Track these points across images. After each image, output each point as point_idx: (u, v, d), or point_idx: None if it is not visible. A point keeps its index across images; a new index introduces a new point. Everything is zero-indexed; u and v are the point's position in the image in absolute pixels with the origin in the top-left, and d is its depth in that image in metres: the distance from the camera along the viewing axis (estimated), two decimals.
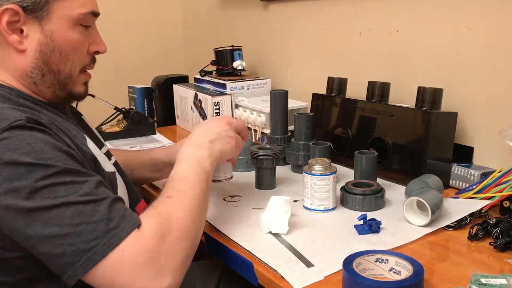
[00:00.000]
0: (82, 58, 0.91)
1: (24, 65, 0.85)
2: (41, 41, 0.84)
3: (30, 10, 0.82)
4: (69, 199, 0.72)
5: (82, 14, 0.87)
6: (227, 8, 2.22)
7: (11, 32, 0.82)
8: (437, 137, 1.20)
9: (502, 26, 1.19)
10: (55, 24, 0.84)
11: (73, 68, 0.89)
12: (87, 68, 0.94)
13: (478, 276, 0.76)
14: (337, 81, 1.48)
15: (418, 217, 1.01)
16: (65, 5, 0.85)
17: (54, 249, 0.71)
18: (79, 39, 0.88)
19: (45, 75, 0.87)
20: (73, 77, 0.90)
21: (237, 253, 0.93)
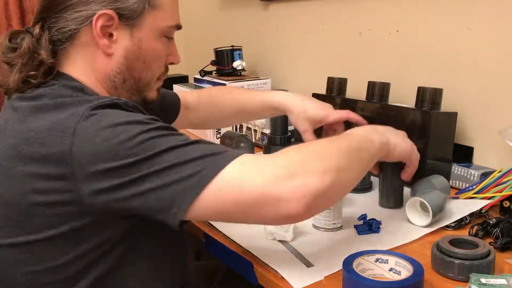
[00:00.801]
0: (160, 67, 0.93)
1: (108, 69, 0.86)
2: (128, 48, 0.85)
3: (125, 18, 0.83)
4: (169, 145, 0.71)
5: (169, 26, 0.89)
6: (227, 8, 2.22)
7: (102, 36, 0.83)
8: (437, 137, 1.19)
9: (502, 26, 1.19)
10: (144, 33, 0.86)
11: (153, 76, 0.91)
12: (161, 77, 0.95)
13: (478, 276, 0.76)
14: (337, 81, 1.48)
15: (420, 217, 1.01)
16: (157, 16, 0.86)
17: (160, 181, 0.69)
18: (162, 49, 0.90)
19: (126, 81, 0.88)
20: (150, 84, 0.92)
21: (237, 253, 0.93)
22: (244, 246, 0.93)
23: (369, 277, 0.76)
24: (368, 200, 1.15)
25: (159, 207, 0.70)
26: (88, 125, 0.71)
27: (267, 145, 1.42)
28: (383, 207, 1.10)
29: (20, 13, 2.22)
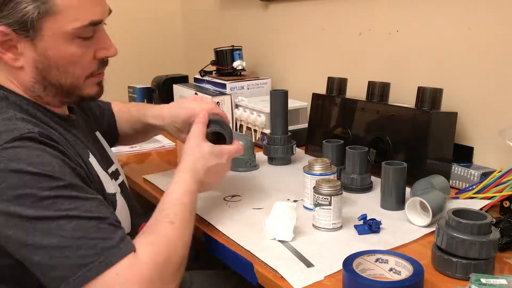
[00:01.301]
0: (85, 67, 0.88)
1: (25, 81, 0.85)
2: (35, 59, 0.83)
3: (19, 31, 0.80)
4: (72, 212, 0.72)
5: (77, 28, 0.83)
6: (227, 8, 2.23)
7: (5, 51, 0.82)
8: (437, 137, 1.20)
9: (502, 26, 1.19)
10: (48, 42, 0.82)
11: (75, 79, 0.87)
12: (94, 74, 0.91)
13: (478, 276, 0.76)
14: (337, 81, 1.48)
15: (419, 217, 1.01)
16: (56, 21, 0.81)
17: (50, 260, 0.70)
18: (77, 52, 0.85)
19: (47, 88, 0.86)
20: (78, 85, 0.89)
21: (237, 253, 0.93)
22: (244, 246, 0.93)
23: (369, 277, 0.76)
24: (368, 200, 1.15)
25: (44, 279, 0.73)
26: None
27: (267, 145, 1.42)
28: (385, 209, 1.10)
29: None
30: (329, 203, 0.98)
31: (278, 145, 1.40)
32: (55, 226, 0.70)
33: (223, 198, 1.17)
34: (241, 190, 1.22)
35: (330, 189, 0.98)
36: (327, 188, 0.98)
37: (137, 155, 1.61)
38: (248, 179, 1.31)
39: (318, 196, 0.99)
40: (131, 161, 1.55)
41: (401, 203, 1.09)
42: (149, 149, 1.67)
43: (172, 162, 1.55)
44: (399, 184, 1.08)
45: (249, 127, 1.64)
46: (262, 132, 1.58)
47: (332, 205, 0.98)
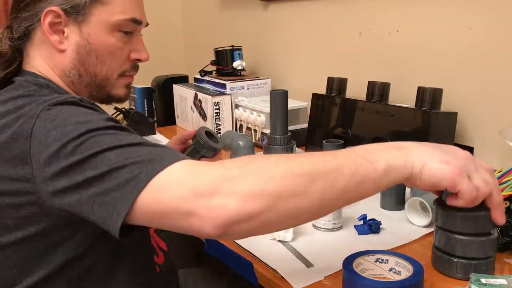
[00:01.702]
0: (120, 63, 0.92)
1: (63, 65, 0.88)
2: (78, 43, 0.87)
3: (70, 13, 0.85)
4: (113, 144, 0.70)
5: (121, 20, 0.88)
6: (227, 8, 2.23)
7: (53, 33, 0.86)
8: (437, 137, 1.19)
9: (502, 26, 1.19)
10: (93, 28, 0.86)
11: (110, 71, 0.91)
12: (126, 74, 0.94)
13: (478, 276, 0.76)
14: (337, 81, 1.48)
15: (419, 217, 1.01)
16: (105, 10, 0.86)
17: (101, 187, 0.67)
18: (116, 44, 0.89)
19: (82, 76, 0.89)
20: (110, 80, 0.92)
21: (237, 253, 0.93)
22: (244, 246, 0.93)
23: (369, 277, 0.76)
24: (368, 200, 1.14)
25: (103, 213, 0.68)
26: (42, 125, 0.72)
27: (267, 145, 1.42)
28: (385, 209, 1.10)
29: None
30: None
31: (278, 145, 1.40)
32: (100, 159, 0.68)
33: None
34: None
35: None
36: None
37: None
38: None
39: None
40: None
41: (401, 203, 1.09)
42: None
43: None
44: (399, 184, 1.08)
45: (249, 127, 1.64)
46: (262, 132, 1.58)
47: None
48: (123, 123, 1.84)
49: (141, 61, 0.95)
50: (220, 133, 1.71)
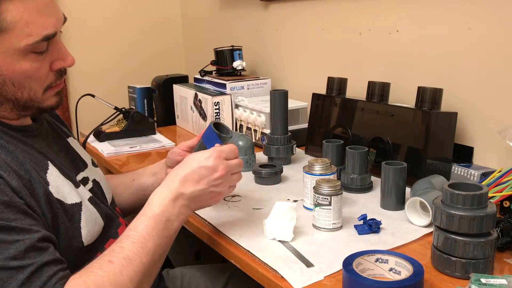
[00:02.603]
0: (42, 80, 0.85)
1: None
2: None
3: None
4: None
5: (29, 44, 0.79)
6: (227, 8, 2.23)
7: None
8: (437, 137, 1.20)
9: (502, 26, 1.19)
10: (1, 59, 0.79)
11: (32, 92, 0.85)
12: (52, 85, 0.88)
13: (478, 276, 0.76)
14: (337, 81, 1.48)
15: (419, 217, 1.01)
16: (8, 39, 0.78)
17: None
18: (32, 67, 0.82)
19: (3, 103, 0.84)
20: (35, 99, 0.86)
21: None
22: (244, 246, 0.93)
23: (369, 277, 0.76)
24: (368, 200, 1.15)
25: None
26: None
27: (267, 145, 1.42)
28: (385, 209, 1.10)
29: None
30: (329, 203, 0.98)
31: (278, 145, 1.40)
32: None
33: (223, 198, 1.17)
34: (241, 190, 1.22)
35: (330, 189, 0.98)
36: (327, 188, 0.98)
37: (137, 155, 1.61)
38: (248, 179, 1.31)
39: (318, 196, 0.99)
40: (131, 161, 1.55)
41: (401, 203, 1.09)
42: (149, 149, 1.67)
43: None
44: (399, 184, 1.08)
45: (249, 127, 1.64)
46: (262, 132, 1.58)
47: (332, 205, 0.98)
48: (123, 123, 1.84)
49: (66, 67, 0.89)
50: None
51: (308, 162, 1.11)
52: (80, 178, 0.97)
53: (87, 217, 0.89)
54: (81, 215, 0.88)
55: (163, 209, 0.87)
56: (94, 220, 0.91)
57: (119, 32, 2.45)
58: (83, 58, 2.41)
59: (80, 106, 1.84)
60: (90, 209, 0.91)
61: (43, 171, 0.85)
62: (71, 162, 0.97)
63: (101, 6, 2.40)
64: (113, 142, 1.75)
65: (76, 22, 2.35)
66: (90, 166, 1.04)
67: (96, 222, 0.92)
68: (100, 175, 1.07)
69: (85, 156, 1.05)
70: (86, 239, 0.87)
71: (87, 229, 0.88)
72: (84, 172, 0.99)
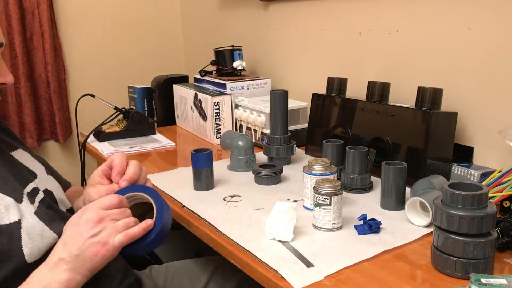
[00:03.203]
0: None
1: None
2: None
3: None
4: None
5: None
6: (227, 8, 2.23)
7: None
8: (437, 137, 1.20)
9: (502, 26, 1.19)
10: None
11: None
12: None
13: (478, 276, 0.76)
14: (337, 81, 1.48)
15: (420, 217, 1.01)
16: None
17: None
18: None
19: None
20: None
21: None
22: (244, 246, 0.93)
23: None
24: (368, 200, 1.15)
25: None
26: None
27: (267, 145, 1.42)
28: (385, 209, 1.10)
29: (20, 13, 2.22)
30: (329, 203, 0.98)
31: (278, 145, 1.40)
32: None
33: (223, 198, 1.17)
34: (241, 190, 1.22)
35: (330, 189, 0.98)
36: (327, 188, 0.98)
37: (137, 155, 1.61)
38: (248, 179, 1.31)
39: (318, 196, 0.99)
40: None
41: (401, 203, 1.09)
42: (149, 149, 1.67)
43: (172, 162, 1.55)
44: (399, 184, 1.08)
45: (249, 127, 1.64)
46: (262, 132, 1.58)
47: (332, 205, 0.98)
48: (123, 123, 1.84)
49: (6, 84, 0.88)
50: (220, 133, 1.71)
51: (308, 162, 1.11)
52: (29, 190, 0.92)
53: (28, 234, 0.83)
54: (21, 233, 0.83)
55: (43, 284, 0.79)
56: (40, 235, 0.85)
57: (119, 32, 2.45)
58: (83, 58, 2.42)
59: (80, 106, 1.84)
60: (32, 224, 0.85)
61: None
62: (16, 176, 0.92)
63: (101, 6, 2.40)
64: (113, 142, 1.75)
65: (76, 22, 2.35)
66: (41, 175, 0.99)
67: (43, 236, 0.85)
68: (54, 183, 1.02)
69: (35, 166, 1.00)
70: (30, 256, 0.82)
71: (30, 246, 0.82)
72: (33, 183, 0.94)
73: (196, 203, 1.14)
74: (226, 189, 1.23)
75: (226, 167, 1.41)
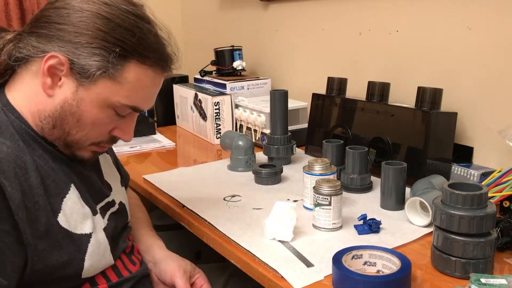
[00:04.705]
0: (99, 135, 0.86)
1: (43, 108, 0.82)
2: (67, 100, 0.81)
3: (76, 70, 0.79)
4: None
5: (121, 103, 0.83)
6: (227, 8, 2.23)
7: (48, 75, 0.80)
8: (437, 137, 1.20)
9: (502, 26, 1.19)
10: (89, 96, 0.81)
11: (84, 138, 0.85)
12: (101, 144, 0.88)
13: (478, 276, 0.76)
14: (337, 81, 1.48)
15: (419, 217, 1.01)
16: (112, 89, 0.81)
17: None
18: (103, 120, 0.84)
19: (56, 128, 0.83)
20: (80, 144, 0.86)
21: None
22: (244, 246, 0.93)
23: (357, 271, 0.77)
24: (368, 200, 1.15)
25: None
26: None
27: (267, 145, 1.42)
28: (385, 209, 1.10)
29: (20, 13, 2.22)
30: (329, 203, 0.98)
31: (278, 145, 1.40)
32: None
33: (223, 198, 1.17)
34: (241, 190, 1.22)
35: (330, 189, 0.98)
36: (327, 188, 0.98)
37: (137, 155, 1.61)
38: (248, 179, 1.31)
39: (318, 196, 0.99)
40: (131, 161, 1.55)
41: (401, 203, 1.09)
42: (149, 149, 1.67)
43: (172, 162, 1.55)
44: (399, 184, 1.08)
45: (249, 127, 1.64)
46: (262, 132, 1.58)
47: (332, 205, 0.98)
48: None
49: (121, 139, 0.90)
50: (220, 133, 1.71)
51: (308, 162, 1.11)
52: (103, 204, 0.93)
53: (94, 250, 0.84)
54: (88, 247, 0.84)
55: None
56: (102, 255, 0.87)
57: None
58: None
59: None
60: (99, 241, 0.86)
61: (60, 195, 0.82)
62: (97, 185, 0.94)
63: None
64: None
65: None
66: (116, 187, 1.01)
67: (104, 257, 0.87)
68: (125, 194, 1.04)
69: (113, 177, 1.02)
70: (86, 271, 0.83)
71: (90, 262, 0.83)
72: (110, 197, 0.96)
73: (196, 203, 1.14)
74: (226, 189, 1.23)
75: (226, 167, 1.42)
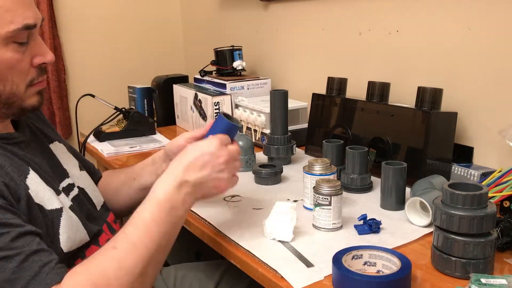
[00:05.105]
0: (24, 74, 0.84)
1: None
2: None
3: None
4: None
5: (10, 32, 0.79)
6: (227, 8, 2.23)
7: None
8: (437, 137, 1.20)
9: (502, 26, 1.19)
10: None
11: (15, 86, 0.84)
12: (34, 81, 0.87)
13: (478, 276, 0.76)
14: (337, 81, 1.48)
15: (419, 217, 1.01)
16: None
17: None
18: (13, 57, 0.81)
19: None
20: (17, 94, 0.84)
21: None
22: (244, 246, 0.93)
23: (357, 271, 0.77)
24: (368, 200, 1.15)
25: None
26: None
27: (267, 145, 1.42)
28: (385, 209, 1.10)
29: None
30: (329, 203, 0.98)
31: (278, 145, 1.40)
32: None
33: (223, 198, 1.17)
34: (241, 190, 1.22)
35: (330, 189, 0.98)
36: (327, 188, 0.98)
37: (137, 155, 1.61)
38: (248, 179, 1.31)
39: (318, 196, 0.99)
40: (131, 161, 1.55)
41: (401, 203, 1.09)
42: (149, 149, 1.67)
43: None
44: (399, 184, 1.08)
45: (249, 127, 1.64)
46: (262, 132, 1.58)
47: (332, 205, 0.98)
48: (123, 123, 1.84)
49: (46, 63, 0.88)
50: None
51: (308, 162, 1.11)
52: (65, 185, 0.94)
53: (67, 223, 0.86)
54: (61, 220, 0.86)
55: (168, 197, 0.85)
56: (76, 227, 0.88)
57: (119, 32, 2.45)
58: (83, 58, 2.42)
59: (80, 106, 1.84)
60: (71, 216, 0.88)
61: (23, 175, 0.83)
62: (54, 170, 0.94)
63: (101, 6, 2.40)
64: (113, 142, 1.75)
65: (76, 22, 2.35)
66: (74, 172, 1.01)
67: (78, 229, 0.88)
68: (86, 180, 1.04)
69: (69, 162, 1.02)
70: (65, 245, 0.84)
71: (66, 235, 0.85)
72: (69, 179, 0.97)
73: (196, 203, 1.14)
74: None
75: None
